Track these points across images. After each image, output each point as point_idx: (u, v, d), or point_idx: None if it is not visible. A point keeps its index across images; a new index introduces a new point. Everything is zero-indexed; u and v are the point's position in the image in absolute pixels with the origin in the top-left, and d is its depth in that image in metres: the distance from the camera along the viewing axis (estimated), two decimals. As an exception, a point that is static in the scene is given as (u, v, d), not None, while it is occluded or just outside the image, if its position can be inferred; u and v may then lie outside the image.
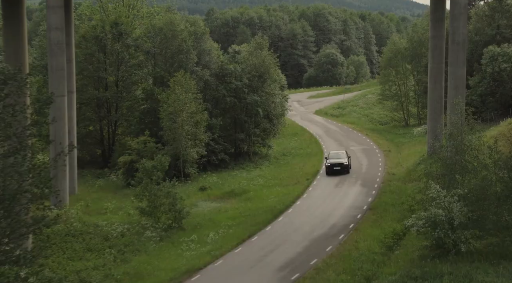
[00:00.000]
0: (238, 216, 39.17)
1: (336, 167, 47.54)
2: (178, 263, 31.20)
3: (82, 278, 30.37)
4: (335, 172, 47.41)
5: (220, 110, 56.07)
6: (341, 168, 47.54)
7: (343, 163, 47.68)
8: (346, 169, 47.67)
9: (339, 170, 47.48)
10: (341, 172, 47.37)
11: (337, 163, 47.58)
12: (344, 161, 47.86)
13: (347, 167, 47.79)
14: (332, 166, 47.67)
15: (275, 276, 28.82)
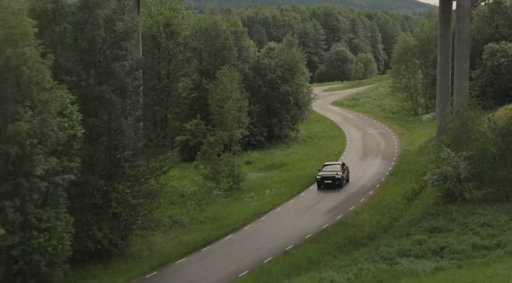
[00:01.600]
0: (284, 181, 48.15)
1: (327, 181, 43.23)
2: (246, 210, 40.20)
3: (174, 220, 39.50)
4: (326, 185, 43.37)
5: (256, 98, 64.85)
6: (332, 181, 43.15)
7: (335, 176, 43.34)
8: (339, 183, 43.32)
9: (330, 184, 43.19)
10: (332, 187, 43.05)
11: (329, 177, 43.25)
12: (336, 174, 43.54)
13: (340, 181, 43.39)
14: (323, 179, 43.43)
15: (324, 216, 37.84)
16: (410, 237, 31.52)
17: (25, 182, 26.78)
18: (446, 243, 29.97)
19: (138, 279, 29.37)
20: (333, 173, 43.54)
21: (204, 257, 32.11)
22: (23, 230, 27.03)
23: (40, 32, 28.76)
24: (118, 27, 31.48)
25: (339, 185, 43.25)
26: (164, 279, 29.36)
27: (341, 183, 43.42)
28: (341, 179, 43.50)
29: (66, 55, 30.08)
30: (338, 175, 43.45)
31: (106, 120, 32.61)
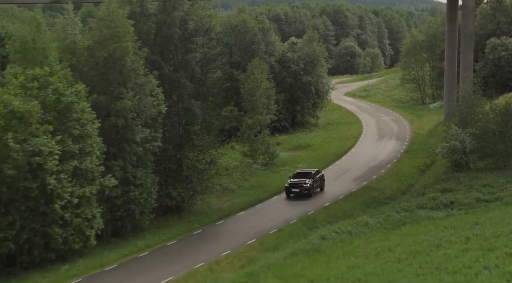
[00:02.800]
0: (312, 157, 55.64)
1: (295, 189, 41.09)
2: (284, 179, 47.46)
3: (224, 187, 46.91)
4: (294, 194, 41.40)
5: (281, 88, 72.17)
6: (299, 190, 40.94)
7: (303, 185, 41.02)
8: (307, 192, 40.94)
9: (297, 193, 41.09)
10: (300, 196, 41.00)
11: (297, 185, 41.14)
12: (305, 183, 41.16)
13: (308, 190, 40.86)
14: (291, 187, 41.30)
15: (351, 183, 45.31)
16: (425, 195, 38.97)
17: (127, 147, 34.35)
18: (455, 199, 37.40)
19: (210, 225, 36.90)
20: (301, 182, 41.17)
21: (258, 211, 39.65)
22: (123, 185, 34.54)
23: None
24: (190, 26, 38.95)
25: (308, 194, 40.77)
26: (231, 224, 36.90)
27: (309, 192, 40.78)
28: (309, 188, 40.84)
29: (150, 49, 37.37)
30: (306, 184, 40.95)
31: (176, 100, 40.02)
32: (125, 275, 28.92)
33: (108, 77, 34.22)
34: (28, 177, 28.98)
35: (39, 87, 30.36)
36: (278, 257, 29.94)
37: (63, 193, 29.78)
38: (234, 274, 28.27)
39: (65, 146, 30.25)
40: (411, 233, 31.57)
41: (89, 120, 31.62)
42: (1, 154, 28.24)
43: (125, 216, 35.05)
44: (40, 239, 29.89)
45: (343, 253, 29.58)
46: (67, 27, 33.97)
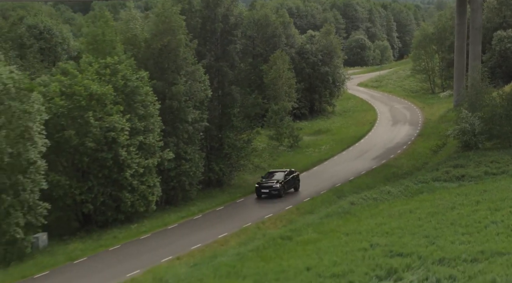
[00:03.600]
0: (332, 141, 60.75)
1: (264, 190, 40.51)
2: (310, 158, 52.77)
3: (256, 165, 51.97)
4: (264, 194, 40.78)
5: (300, 77, 77.05)
6: (269, 191, 40.39)
7: (272, 186, 40.48)
8: (276, 193, 40.34)
9: (267, 194, 40.53)
10: (270, 197, 40.43)
11: (266, 186, 40.62)
12: (275, 184, 40.67)
13: (278, 191, 40.28)
14: (261, 188, 40.70)
15: (371, 161, 50.42)
16: (439, 170, 44.05)
17: (180, 126, 39.51)
18: (466, 172, 42.46)
19: (250, 195, 42.12)
20: (271, 183, 40.84)
21: (290, 184, 44.81)
22: (176, 159, 39.67)
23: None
24: (230, 20, 43.97)
25: (277, 195, 40.24)
26: (269, 195, 42.11)
27: (279, 193, 40.28)
28: (279, 189, 40.31)
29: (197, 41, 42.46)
30: (276, 185, 40.49)
31: (217, 86, 45.07)
32: (186, 232, 34.14)
33: (163, 66, 39.36)
34: (104, 149, 34.19)
35: (111, 73, 35.54)
36: (315, 218, 35.13)
37: (132, 163, 34.98)
38: (279, 230, 33.46)
39: (133, 123, 35.43)
40: (428, 199, 36.69)
41: (151, 102, 36.78)
42: (83, 130, 33.42)
43: (177, 187, 40.26)
44: (113, 202, 35.12)
45: (370, 214, 34.74)
46: (129, 22, 39.13)
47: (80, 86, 33.69)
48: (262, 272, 26.71)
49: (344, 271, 25.28)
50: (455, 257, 25.45)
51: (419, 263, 25.61)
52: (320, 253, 28.52)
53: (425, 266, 25.27)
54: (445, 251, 26.36)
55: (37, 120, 30.27)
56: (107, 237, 33.20)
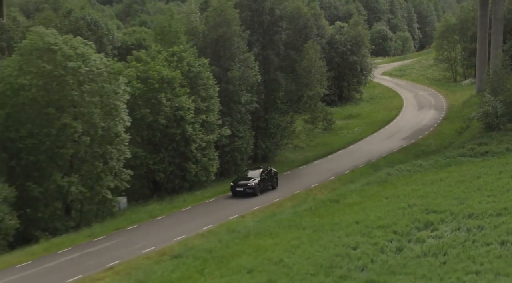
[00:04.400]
0: (363, 124, 65.58)
1: (239, 188, 39.85)
2: (344, 139, 57.64)
3: (295, 145, 56.93)
4: (239, 192, 39.92)
5: (330, 66, 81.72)
6: (244, 189, 39.68)
7: (247, 184, 39.82)
8: (251, 192, 39.65)
9: (242, 192, 39.73)
10: (245, 195, 39.61)
11: (241, 184, 39.92)
12: (251, 182, 39.93)
13: (253, 189, 39.65)
14: (235, 186, 40.03)
15: (401, 141, 55.23)
16: (465, 147, 48.71)
17: (234, 107, 44.63)
18: (489, 149, 47.09)
19: (295, 169, 47.17)
20: (246, 181, 40.27)
21: (329, 160, 49.95)
22: (230, 137, 44.76)
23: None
24: (276, 13, 48.89)
25: (253, 193, 39.67)
26: (311, 168, 47.20)
27: (255, 192, 39.72)
28: (254, 187, 39.78)
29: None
30: (251, 184, 39.89)
31: (263, 72, 50.02)
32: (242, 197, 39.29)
33: (219, 53, 44.46)
34: (174, 125, 39.42)
35: (177, 60, 40.69)
36: (356, 186, 40.13)
37: (196, 138, 40.20)
38: (326, 195, 38.52)
39: (197, 104, 40.60)
40: (456, 170, 41.49)
41: (211, 85, 41.90)
42: (156, 109, 38.65)
43: (230, 161, 45.44)
44: (180, 172, 40.37)
45: (405, 182, 39.67)
46: (190, 15, 44.25)
47: (153, 71, 38.92)
48: (318, 224, 31.84)
49: (388, 223, 30.32)
50: (482, 213, 30.40)
51: (452, 217, 30.59)
52: (366, 211, 33.55)
53: (457, 220, 30.27)
54: (473, 208, 31.32)
55: (122, 99, 35.54)
56: (177, 201, 38.47)
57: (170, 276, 25.74)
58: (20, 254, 29.62)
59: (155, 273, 26.29)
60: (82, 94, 33.63)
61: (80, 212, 35.71)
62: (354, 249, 27.13)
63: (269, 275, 24.66)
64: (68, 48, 33.79)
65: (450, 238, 27.68)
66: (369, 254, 26.27)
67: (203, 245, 29.72)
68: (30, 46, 33.93)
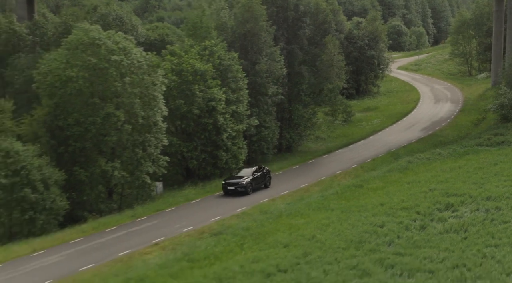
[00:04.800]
0: (382, 116, 67.68)
1: (230, 187, 39.63)
2: (364, 130, 59.76)
3: (316, 136, 59.12)
4: (230, 191, 39.67)
5: (348, 61, 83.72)
6: (235, 188, 39.55)
7: (238, 183, 39.63)
8: (242, 191, 39.48)
9: (233, 191, 39.56)
10: (237, 194, 39.49)
11: (232, 183, 39.74)
12: (242, 181, 39.73)
13: (244, 188, 39.49)
14: (227, 185, 39.84)
15: (419, 132, 57.32)
16: (481, 137, 50.71)
17: (261, 98, 46.98)
18: (505, 139, 49.06)
19: (318, 158, 49.47)
20: (237, 180, 40.02)
21: (351, 149, 52.31)
22: (257, 127, 47.11)
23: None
24: (300, 9, 51.09)
25: (244, 192, 39.53)
26: (334, 157, 49.49)
27: (246, 190, 39.58)
28: (245, 186, 39.61)
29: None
30: (242, 182, 39.67)
31: (288, 66, 52.26)
32: (273, 183, 41.65)
33: (247, 48, 46.79)
34: (206, 115, 41.83)
35: (209, 54, 43.05)
36: (379, 173, 42.34)
37: (227, 127, 42.59)
38: (351, 181, 40.79)
39: (227, 95, 42.97)
40: (474, 158, 43.57)
41: (241, 78, 44.25)
42: (190, 99, 41.09)
43: (257, 150, 47.83)
44: (211, 159, 42.79)
45: (426, 169, 41.83)
46: (219, 11, 46.61)
47: (187, 64, 41.34)
48: (345, 207, 34.14)
49: (411, 205, 32.57)
50: (499, 195, 32.56)
51: (471, 200, 32.78)
52: (389, 195, 35.81)
53: (476, 202, 32.46)
54: (491, 192, 33.48)
55: (160, 90, 37.98)
56: (210, 186, 40.92)
57: (213, 249, 28.19)
58: (72, 232, 32.24)
59: (198, 247, 28.75)
60: (124, 85, 36.14)
61: (121, 195, 38.26)
62: (380, 227, 29.42)
63: (304, 248, 27.01)
64: (111, 43, 36.30)
65: (470, 217, 29.90)
66: (395, 231, 28.55)
67: (239, 224, 32.13)
68: (76, 41, 36.49)
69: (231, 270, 25.28)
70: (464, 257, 24.69)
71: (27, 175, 32.69)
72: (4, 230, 32.88)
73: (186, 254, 28.04)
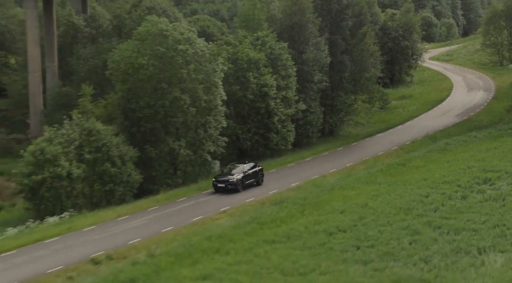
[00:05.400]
0: (417, 103, 70.70)
1: (220, 184, 38.87)
2: (401, 116, 62.99)
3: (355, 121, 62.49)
4: (221, 188, 38.85)
5: (383, 51, 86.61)
6: (225, 185, 38.70)
7: (229, 180, 38.76)
8: (232, 188, 38.66)
9: (223, 188, 38.78)
10: (227, 191, 38.67)
11: (222, 180, 38.91)
12: (233, 178, 38.89)
13: (234, 185, 38.66)
14: (217, 182, 39.08)
15: (454, 118, 60.36)
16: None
17: (308, 85, 50.62)
18: (538, 123, 51.98)
19: (360, 141, 52.96)
20: (227, 177, 39.19)
21: (391, 133, 55.83)
22: (303, 112, 50.64)
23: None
24: (343, 1, 54.46)
25: (234, 189, 38.74)
26: (375, 140, 53.02)
27: (236, 188, 38.78)
28: (236, 183, 38.80)
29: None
30: (232, 180, 38.87)
31: (330, 55, 55.65)
32: (320, 162, 45.47)
33: (295, 38, 50.32)
34: (259, 100, 45.59)
35: (261, 44, 46.72)
36: (419, 153, 45.70)
37: (277, 111, 46.30)
38: (392, 160, 44.21)
39: (278, 82, 46.63)
40: (509, 140, 46.65)
41: (290, 66, 47.85)
42: (244, 86, 44.85)
43: (303, 133, 51.43)
44: (263, 141, 46.55)
45: (463, 150, 45.06)
46: (269, 4, 50.20)
47: (242, 53, 45.08)
48: (391, 181, 37.66)
49: (452, 180, 35.98)
50: (534, 171, 35.75)
51: (507, 175, 36.12)
52: (431, 171, 39.22)
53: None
54: (526, 168, 36.65)
55: (220, 76, 41.79)
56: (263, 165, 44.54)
57: (277, 214, 31.97)
58: (147, 201, 36.33)
59: (264, 213, 32.55)
60: (189, 72, 40.02)
61: (184, 172, 42.25)
62: (426, 197, 32.87)
63: (358, 214, 30.62)
64: (177, 33, 40.18)
65: (507, 189, 33.20)
66: (439, 200, 32.00)
67: (296, 195, 35.85)
68: (145, 32, 40.46)
69: (297, 229, 29.06)
70: (503, 219, 28.08)
71: (107, 151, 36.84)
72: (86, 201, 37.06)
73: (254, 218, 31.86)
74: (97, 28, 65.89)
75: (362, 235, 27.48)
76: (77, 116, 37.67)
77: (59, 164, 35.18)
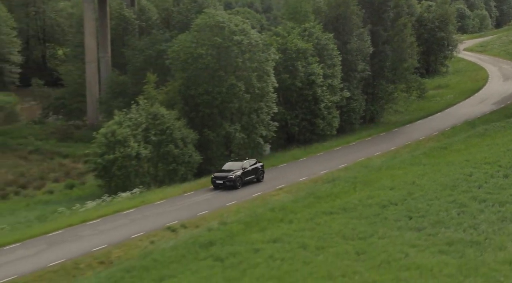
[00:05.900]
0: (454, 92, 72.59)
1: (219, 181, 38.43)
2: (439, 104, 65.15)
3: (394, 110, 64.76)
4: (219, 185, 38.36)
5: (419, 42, 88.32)
6: (223, 182, 38.28)
7: (227, 176, 38.24)
8: (231, 184, 38.11)
9: (222, 185, 38.31)
10: (226, 188, 38.10)
11: (220, 177, 38.44)
12: (231, 175, 38.32)
13: (233, 182, 38.14)
14: (215, 179, 38.59)
15: (491, 106, 62.33)
16: (550, 110, 55.41)
17: (351, 74, 53.10)
18: None
19: (401, 127, 55.46)
20: (225, 174, 38.67)
21: (430, 120, 58.35)
22: (347, 99, 53.13)
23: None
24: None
25: (233, 186, 38.24)
26: (415, 126, 55.46)
27: (235, 185, 38.30)
28: (234, 180, 38.33)
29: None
30: (231, 176, 38.35)
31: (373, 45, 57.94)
32: (365, 146, 48.21)
33: (339, 29, 52.88)
34: (306, 88, 48.34)
35: (308, 35, 49.42)
36: (459, 138, 48.01)
37: (324, 98, 48.97)
38: (434, 144, 46.59)
39: (324, 71, 49.29)
40: (545, 126, 48.64)
41: (335, 56, 50.45)
42: (293, 74, 47.64)
43: (347, 120, 54.01)
44: (310, 126, 49.30)
45: (502, 135, 47.23)
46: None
47: (291, 44, 47.85)
48: (434, 162, 40.18)
49: (493, 161, 38.36)
50: None
51: (548, 157, 38.20)
52: (472, 154, 41.60)
53: (552, 158, 37.88)
54: None
55: (271, 65, 44.63)
56: (310, 149, 47.52)
57: (331, 190, 34.82)
58: (208, 180, 39.41)
59: (318, 190, 35.41)
60: (244, 61, 42.94)
61: (238, 154, 45.23)
62: (469, 175, 35.34)
63: (407, 190, 33.28)
64: (232, 25, 43.11)
65: (546, 168, 35.49)
66: (482, 178, 34.44)
67: (347, 175, 38.63)
68: (203, 24, 43.50)
69: (351, 203, 31.89)
70: (546, 195, 30.50)
71: (171, 133, 40.05)
72: (151, 179, 40.34)
73: (310, 193, 34.77)
74: (147, 21, 69.26)
75: (413, 208, 30.14)
76: (143, 102, 40.96)
77: (128, 145, 38.52)
